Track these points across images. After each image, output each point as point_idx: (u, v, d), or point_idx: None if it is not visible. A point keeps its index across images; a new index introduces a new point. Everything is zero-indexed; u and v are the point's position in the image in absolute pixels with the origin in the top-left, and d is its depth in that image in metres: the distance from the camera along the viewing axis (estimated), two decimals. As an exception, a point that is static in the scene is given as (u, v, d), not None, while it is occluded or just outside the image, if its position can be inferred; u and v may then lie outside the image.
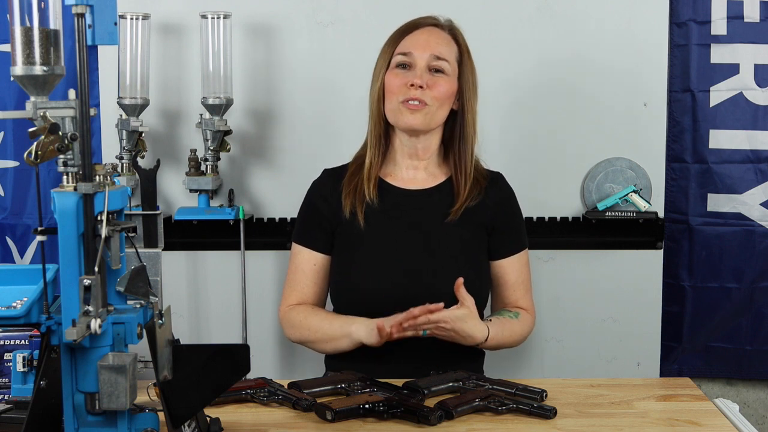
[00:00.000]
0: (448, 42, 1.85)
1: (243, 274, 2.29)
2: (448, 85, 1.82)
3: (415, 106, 1.79)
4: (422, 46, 1.82)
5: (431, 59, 1.81)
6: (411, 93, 1.79)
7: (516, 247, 1.91)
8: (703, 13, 2.29)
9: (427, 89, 1.79)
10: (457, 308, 1.71)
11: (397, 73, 1.82)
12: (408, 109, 1.79)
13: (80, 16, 1.17)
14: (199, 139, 2.26)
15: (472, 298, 1.74)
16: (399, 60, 1.82)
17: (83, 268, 1.17)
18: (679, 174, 2.35)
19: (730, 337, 2.39)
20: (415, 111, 1.79)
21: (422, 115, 1.80)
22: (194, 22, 2.22)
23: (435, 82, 1.80)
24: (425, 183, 1.89)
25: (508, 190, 1.94)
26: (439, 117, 1.83)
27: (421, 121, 1.80)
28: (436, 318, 1.68)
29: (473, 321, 1.73)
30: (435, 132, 1.86)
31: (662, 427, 1.45)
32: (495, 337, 1.78)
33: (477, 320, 1.75)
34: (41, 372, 1.23)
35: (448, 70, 1.82)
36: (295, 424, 1.47)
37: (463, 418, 1.48)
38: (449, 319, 1.70)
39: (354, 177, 1.88)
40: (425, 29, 1.85)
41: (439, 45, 1.83)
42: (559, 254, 2.35)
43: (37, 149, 1.17)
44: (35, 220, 2.33)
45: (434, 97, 1.80)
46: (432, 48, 1.82)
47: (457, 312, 1.71)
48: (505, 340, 1.82)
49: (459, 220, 1.85)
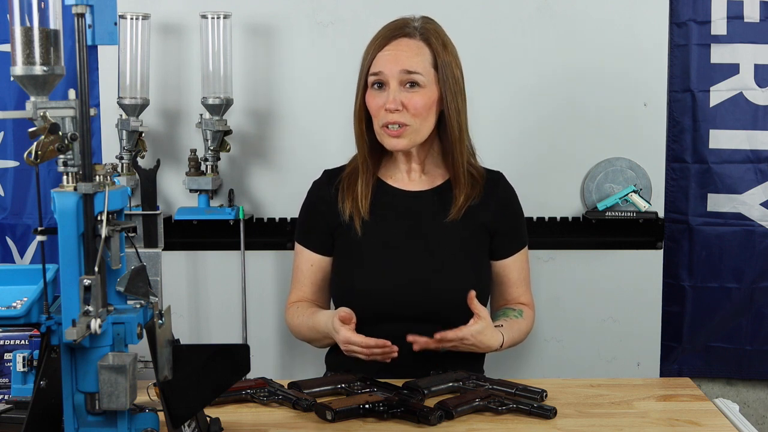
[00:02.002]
0: (419, 50, 1.79)
1: (243, 274, 2.29)
2: (425, 98, 1.78)
3: (396, 132, 1.78)
4: (391, 62, 1.78)
5: (402, 75, 1.77)
6: (388, 117, 1.78)
7: (518, 246, 1.92)
8: (703, 13, 2.29)
9: (404, 109, 1.77)
10: (475, 322, 1.70)
11: (374, 94, 1.80)
12: (387, 135, 1.79)
13: (80, 16, 1.17)
14: (199, 139, 2.26)
15: (486, 310, 1.75)
16: (372, 80, 1.80)
17: (83, 268, 1.17)
18: (679, 174, 2.34)
19: (730, 337, 2.39)
20: (395, 137, 1.78)
21: (405, 138, 1.79)
22: (194, 22, 2.22)
23: (410, 99, 1.77)
24: (425, 184, 1.89)
25: (509, 191, 1.93)
26: (424, 131, 1.81)
27: (405, 143, 1.79)
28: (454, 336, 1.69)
29: (491, 332, 1.74)
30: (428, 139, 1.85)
31: (662, 427, 1.45)
32: (508, 341, 1.80)
33: (493, 330, 1.76)
34: (41, 372, 1.23)
35: (423, 81, 1.78)
36: (295, 424, 1.47)
37: (463, 418, 1.48)
38: (469, 336, 1.70)
39: (351, 179, 1.88)
40: (393, 43, 1.80)
41: (408, 58, 1.78)
42: (559, 254, 2.35)
43: (37, 149, 1.17)
44: (35, 220, 2.33)
45: (413, 115, 1.77)
46: (401, 63, 1.77)
47: (476, 327, 1.70)
48: (515, 340, 1.84)
49: (460, 220, 1.84)
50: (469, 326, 1.70)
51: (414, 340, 1.69)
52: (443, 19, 1.89)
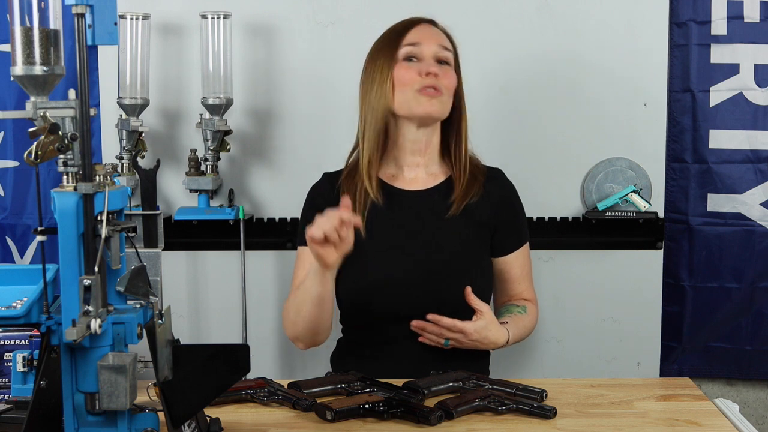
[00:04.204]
0: (445, 37, 1.87)
1: (243, 274, 2.29)
2: (454, 77, 1.84)
3: (433, 92, 1.79)
4: (428, 37, 1.83)
5: (439, 50, 1.82)
6: (427, 81, 1.78)
7: (519, 242, 1.92)
8: (703, 13, 2.29)
9: (440, 78, 1.80)
10: (477, 319, 1.74)
11: (407, 66, 1.81)
12: (426, 96, 1.79)
13: (80, 16, 1.16)
14: (199, 139, 2.26)
15: (486, 305, 1.76)
16: (407, 51, 1.82)
17: (83, 268, 1.17)
18: (679, 174, 2.34)
19: (730, 337, 2.39)
20: (433, 97, 1.79)
21: (439, 102, 1.80)
22: (194, 22, 2.22)
23: (445, 72, 1.81)
24: (426, 183, 1.89)
25: (509, 187, 1.94)
26: (449, 107, 1.84)
27: (439, 108, 1.81)
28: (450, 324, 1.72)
29: (495, 327, 1.76)
30: (437, 126, 1.87)
31: (662, 427, 1.45)
32: (513, 337, 1.81)
33: (497, 325, 1.77)
34: (41, 372, 1.23)
35: (452, 62, 1.84)
36: (295, 424, 1.47)
37: (463, 418, 1.48)
38: (472, 331, 1.72)
39: (351, 180, 1.88)
40: (423, 25, 1.86)
41: (441, 37, 1.85)
42: (559, 254, 2.35)
43: (37, 149, 1.16)
44: (35, 220, 2.33)
45: (446, 86, 1.81)
46: (438, 39, 1.83)
47: (479, 323, 1.73)
48: (520, 337, 1.85)
49: (461, 218, 1.85)
50: (472, 322, 1.72)
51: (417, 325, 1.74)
52: (443, 19, 1.90)
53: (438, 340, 1.76)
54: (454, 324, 1.72)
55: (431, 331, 1.75)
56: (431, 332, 1.76)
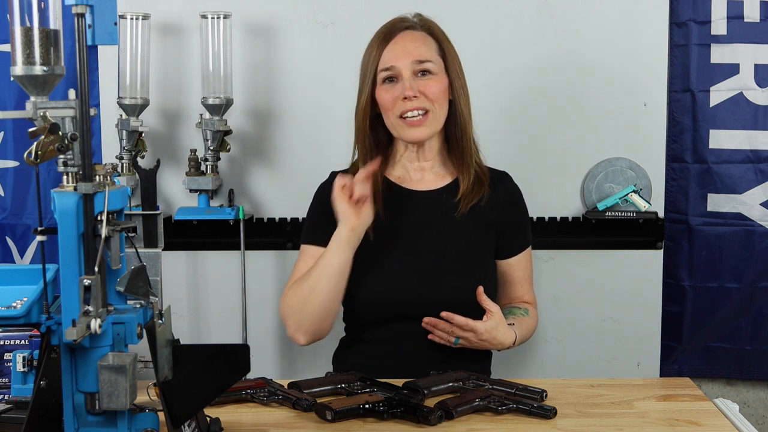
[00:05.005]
0: (425, 40, 1.82)
1: (243, 274, 2.29)
2: (440, 83, 1.80)
3: (417, 121, 1.78)
4: (401, 55, 1.79)
5: (414, 65, 1.79)
6: (406, 106, 1.78)
7: (523, 245, 1.93)
8: (703, 13, 2.29)
9: (421, 96, 1.78)
10: (488, 318, 1.74)
11: (386, 89, 1.80)
12: (408, 125, 1.79)
13: (80, 16, 1.16)
14: (199, 139, 2.26)
15: (497, 306, 1.76)
16: (384, 76, 1.80)
17: (83, 268, 1.17)
18: (679, 174, 2.34)
19: (730, 337, 2.39)
20: (417, 126, 1.79)
21: (426, 127, 1.80)
22: (194, 22, 2.22)
23: (426, 86, 1.79)
24: (433, 184, 1.89)
25: (516, 191, 1.94)
26: (441, 117, 1.82)
27: (427, 132, 1.81)
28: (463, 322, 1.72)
29: (503, 328, 1.76)
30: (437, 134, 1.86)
31: (662, 427, 1.45)
32: (519, 339, 1.81)
33: (506, 326, 1.77)
34: (41, 372, 1.23)
35: (435, 69, 1.81)
36: (295, 424, 1.47)
37: (463, 418, 1.48)
38: (483, 331, 1.72)
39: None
40: (398, 37, 1.82)
41: (417, 48, 1.80)
42: (559, 254, 2.35)
43: (37, 149, 1.16)
44: (35, 220, 2.33)
45: (432, 100, 1.79)
46: (412, 54, 1.79)
47: (490, 323, 1.73)
48: (524, 338, 1.86)
49: (469, 219, 1.84)
50: (482, 321, 1.72)
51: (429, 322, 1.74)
52: (443, 19, 1.89)
53: (448, 338, 1.76)
54: (467, 323, 1.72)
55: (442, 328, 1.75)
56: (442, 329, 1.75)
